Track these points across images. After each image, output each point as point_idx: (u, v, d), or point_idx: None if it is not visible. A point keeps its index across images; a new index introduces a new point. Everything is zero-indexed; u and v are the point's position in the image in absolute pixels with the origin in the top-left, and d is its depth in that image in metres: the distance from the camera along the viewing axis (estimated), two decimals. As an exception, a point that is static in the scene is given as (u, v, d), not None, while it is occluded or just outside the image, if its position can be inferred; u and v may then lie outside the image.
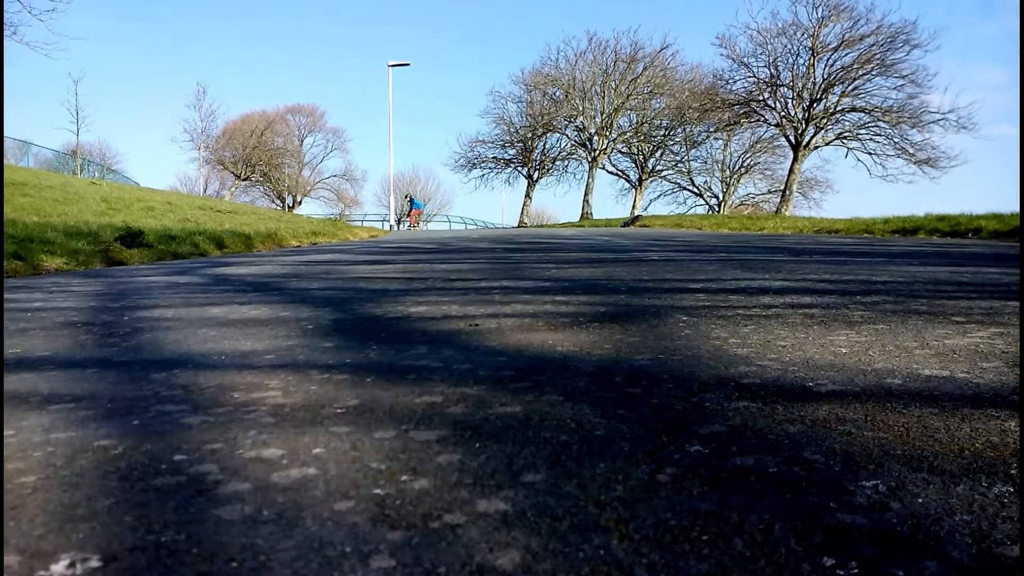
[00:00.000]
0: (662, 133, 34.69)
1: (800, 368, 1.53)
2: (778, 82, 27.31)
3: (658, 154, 35.84)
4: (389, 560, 0.73)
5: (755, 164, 36.61)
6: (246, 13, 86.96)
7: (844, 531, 0.78)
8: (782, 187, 29.21)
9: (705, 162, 36.80)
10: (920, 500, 0.85)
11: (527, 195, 36.50)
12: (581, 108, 33.68)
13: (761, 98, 27.79)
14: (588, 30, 52.40)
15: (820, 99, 26.76)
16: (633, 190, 36.06)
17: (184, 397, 1.36)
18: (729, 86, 28.47)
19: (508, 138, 36.04)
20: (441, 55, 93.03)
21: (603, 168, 35.27)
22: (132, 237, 6.75)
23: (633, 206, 34.93)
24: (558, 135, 35.57)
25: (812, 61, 26.71)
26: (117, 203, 11.90)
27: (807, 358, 1.63)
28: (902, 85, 25.20)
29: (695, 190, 37.32)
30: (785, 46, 27.09)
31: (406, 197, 37.61)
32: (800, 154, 27.30)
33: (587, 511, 0.84)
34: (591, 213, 33.26)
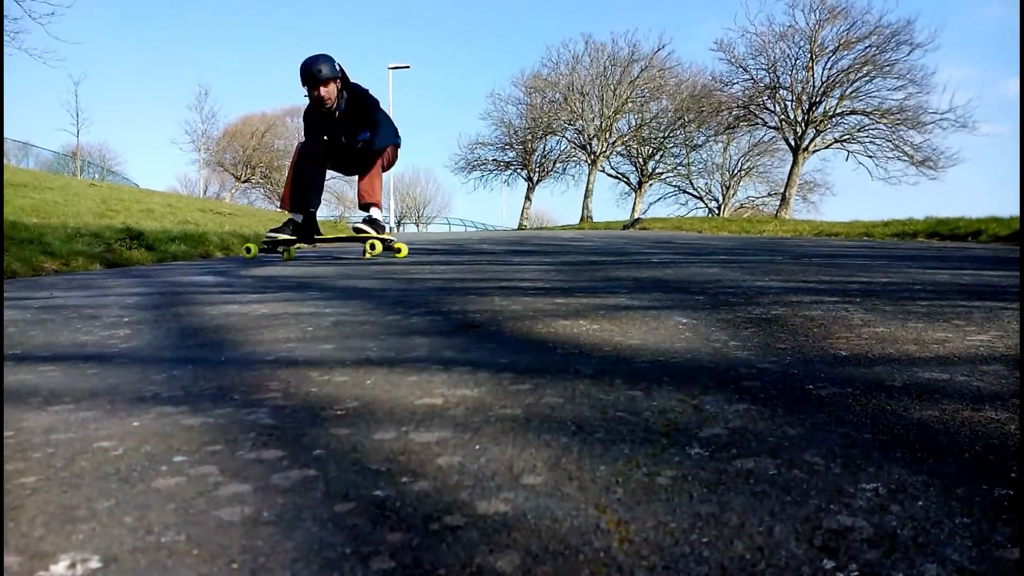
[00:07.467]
0: (661, 136, 34.71)
1: (800, 370, 1.54)
2: (778, 85, 27.33)
3: (657, 157, 35.86)
4: (389, 562, 0.73)
5: (754, 167, 36.68)
6: (246, 13, 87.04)
7: (845, 534, 0.78)
8: (781, 190, 29.22)
9: (705, 165, 36.87)
10: (920, 503, 0.85)
11: (527, 198, 36.49)
12: (580, 111, 33.71)
13: (760, 101, 27.80)
14: (584, 32, 52.46)
15: (819, 102, 26.77)
16: (633, 193, 36.08)
17: (183, 398, 1.36)
18: (728, 89, 28.51)
19: (508, 140, 36.07)
20: (441, 57, 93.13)
21: (603, 171, 35.26)
22: (132, 239, 6.75)
23: (633, 209, 34.92)
24: (557, 138, 35.61)
25: (811, 64, 26.73)
26: (117, 205, 11.90)
27: (807, 360, 1.64)
28: (902, 86, 25.25)
29: (695, 193, 37.40)
30: (783, 50, 27.15)
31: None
32: (800, 157, 27.30)
33: (587, 513, 0.84)
34: (591, 216, 33.25)
